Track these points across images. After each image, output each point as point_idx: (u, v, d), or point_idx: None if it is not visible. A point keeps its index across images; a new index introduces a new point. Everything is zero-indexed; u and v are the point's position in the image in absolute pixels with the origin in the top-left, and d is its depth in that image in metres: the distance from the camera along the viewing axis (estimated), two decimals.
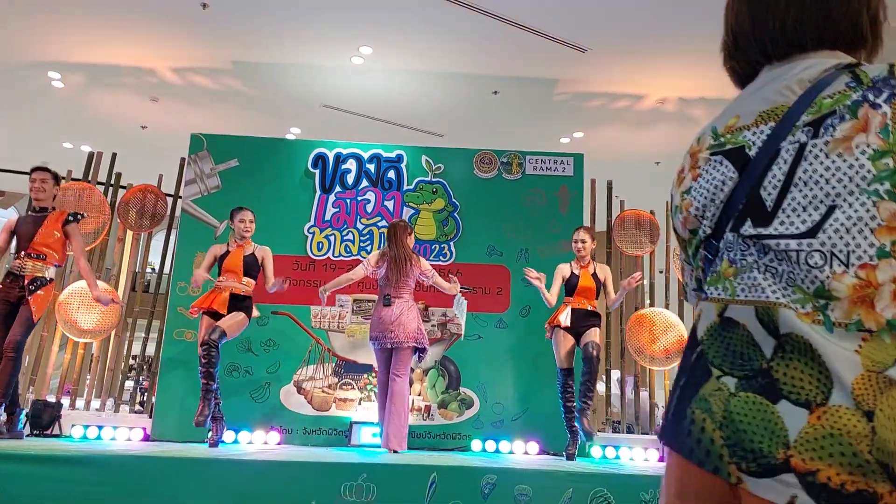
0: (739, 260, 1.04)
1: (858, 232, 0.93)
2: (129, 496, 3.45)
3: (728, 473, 0.95)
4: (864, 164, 0.94)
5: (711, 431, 0.98)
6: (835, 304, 0.92)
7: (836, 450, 0.87)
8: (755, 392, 0.96)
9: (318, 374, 6.34)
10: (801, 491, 0.88)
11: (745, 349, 0.99)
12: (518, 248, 6.62)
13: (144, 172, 7.78)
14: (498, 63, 8.65)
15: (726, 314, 1.03)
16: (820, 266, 0.94)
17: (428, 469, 3.69)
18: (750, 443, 0.94)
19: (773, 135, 1.05)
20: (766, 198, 1.03)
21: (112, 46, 8.58)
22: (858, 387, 0.88)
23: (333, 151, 6.86)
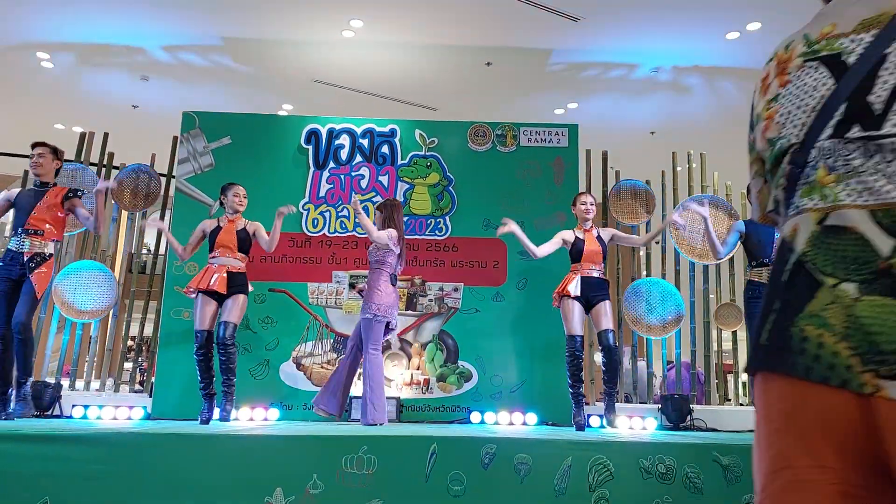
0: (842, 166, 1.01)
1: None
2: (133, 472, 3.47)
3: (860, 384, 0.90)
4: None
5: (833, 345, 0.94)
6: None
7: None
8: (881, 294, 0.92)
9: (316, 350, 6.35)
10: None
11: (860, 253, 0.96)
12: (515, 221, 6.59)
13: (137, 152, 7.73)
14: (490, 34, 8.58)
15: (828, 222, 1.01)
16: None
17: (428, 440, 3.71)
18: (889, 344, 0.89)
19: (878, 41, 1.03)
20: (875, 101, 1.00)
21: (101, 25, 8.50)
22: None
23: (326, 127, 6.82)
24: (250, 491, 3.50)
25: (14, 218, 5.21)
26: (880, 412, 0.89)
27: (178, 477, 3.52)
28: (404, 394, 6.25)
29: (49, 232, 5.17)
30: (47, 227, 5.16)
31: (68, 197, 5.27)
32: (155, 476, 3.50)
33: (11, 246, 5.12)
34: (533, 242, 5.58)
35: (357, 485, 3.55)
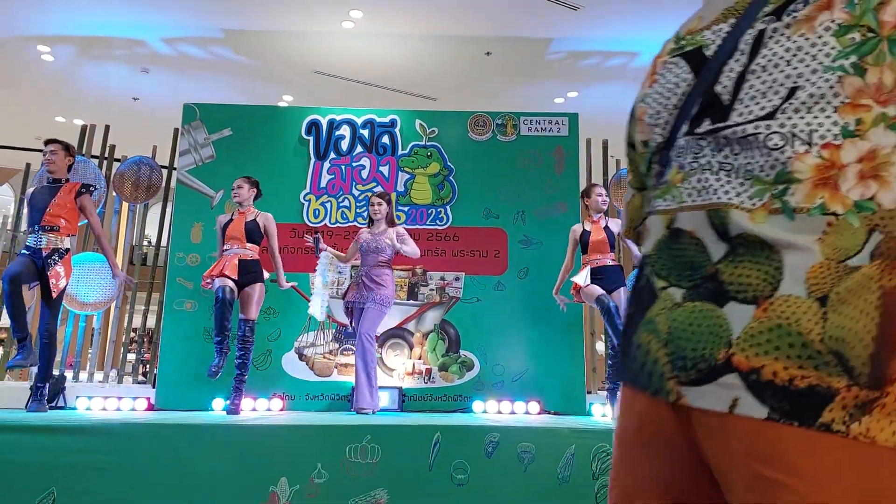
0: (689, 164, 0.95)
1: (821, 110, 0.85)
2: (138, 463, 3.49)
3: (667, 391, 0.87)
4: (827, 42, 0.86)
5: (656, 352, 0.90)
6: (795, 188, 0.84)
7: (784, 341, 0.79)
8: (701, 300, 0.87)
9: (318, 340, 6.37)
10: (744, 392, 0.80)
11: (695, 257, 0.90)
12: (515, 210, 6.61)
13: (138, 144, 7.74)
14: (490, 23, 8.57)
15: (675, 225, 0.95)
16: (780, 147, 0.86)
17: (431, 429, 3.73)
18: (692, 350, 0.85)
19: (734, 30, 0.96)
20: (722, 91, 0.94)
21: (101, 17, 8.49)
22: (814, 275, 0.81)
23: (327, 118, 6.82)
24: (255, 480, 3.53)
25: (29, 216, 5.27)
26: (687, 418, 0.88)
27: (182, 467, 3.55)
28: (406, 383, 6.27)
29: (65, 227, 5.24)
30: (63, 223, 5.22)
31: (80, 193, 5.34)
32: (160, 466, 3.52)
33: (30, 243, 5.18)
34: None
35: (361, 474, 3.58)
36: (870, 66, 0.84)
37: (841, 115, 0.84)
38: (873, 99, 0.84)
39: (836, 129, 0.84)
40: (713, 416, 0.82)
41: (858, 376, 0.76)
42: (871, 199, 0.81)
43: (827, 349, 0.77)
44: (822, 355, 0.77)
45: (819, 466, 0.76)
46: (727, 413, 0.80)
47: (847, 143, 0.83)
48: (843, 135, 0.83)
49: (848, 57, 0.85)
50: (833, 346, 0.77)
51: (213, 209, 6.33)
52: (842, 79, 0.85)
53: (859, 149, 0.83)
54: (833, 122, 0.84)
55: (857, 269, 0.79)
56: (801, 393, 0.77)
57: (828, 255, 0.80)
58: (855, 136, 0.83)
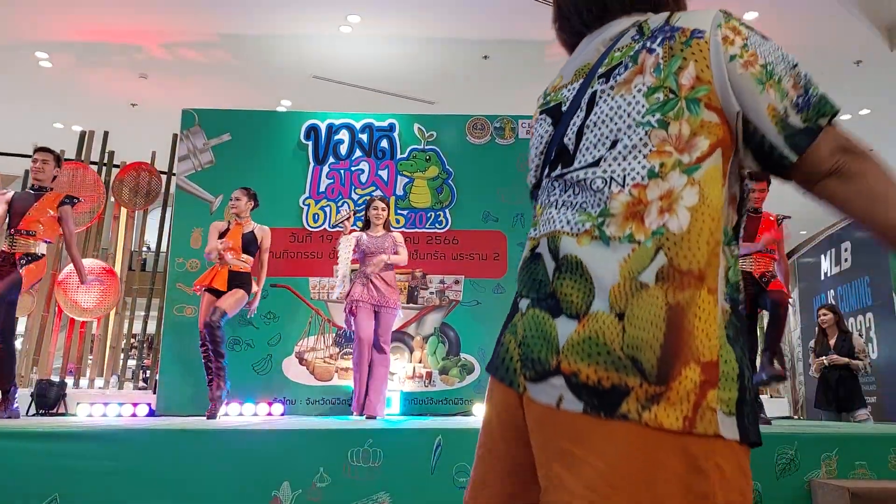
0: (544, 201, 1.17)
1: (633, 158, 1.04)
2: (140, 468, 3.49)
3: (518, 384, 1.07)
4: (639, 101, 1.06)
5: (513, 350, 1.10)
6: (610, 220, 1.03)
7: (594, 350, 0.98)
8: (542, 310, 1.07)
9: (318, 344, 6.38)
10: (566, 391, 0.99)
11: (543, 277, 1.10)
12: (514, 213, 6.63)
13: (137, 150, 7.75)
14: (487, 26, 8.58)
15: (536, 250, 1.14)
16: (601, 189, 1.06)
17: (433, 432, 3.73)
18: (533, 352, 1.05)
19: (580, 89, 1.17)
20: (568, 143, 1.15)
21: (98, 23, 8.50)
22: (614, 293, 1.00)
23: (325, 122, 6.83)
24: (257, 485, 3.53)
25: (9, 220, 5.25)
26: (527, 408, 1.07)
27: (184, 472, 3.55)
28: (406, 387, 6.28)
29: (41, 233, 5.22)
30: (39, 229, 5.20)
31: (63, 203, 5.33)
32: (162, 471, 3.52)
33: (2, 247, 5.17)
34: None
35: (363, 477, 3.59)
36: (671, 121, 1.04)
37: (648, 160, 1.04)
38: (674, 147, 1.03)
39: (644, 171, 1.03)
40: (543, 407, 1.02)
41: (648, 376, 0.95)
42: (663, 225, 1.01)
43: (626, 356, 0.97)
44: (621, 360, 0.97)
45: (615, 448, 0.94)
46: (555, 407, 1.00)
47: (651, 182, 1.03)
48: (649, 175, 1.03)
49: (654, 114, 1.05)
50: (630, 352, 0.97)
51: (213, 214, 6.34)
52: (649, 132, 1.04)
53: (661, 188, 1.02)
54: (642, 167, 1.04)
55: (647, 286, 0.99)
56: (605, 391, 0.96)
57: (624, 274, 1.00)
58: (658, 176, 1.03)
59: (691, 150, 1.03)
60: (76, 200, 5.49)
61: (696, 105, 1.04)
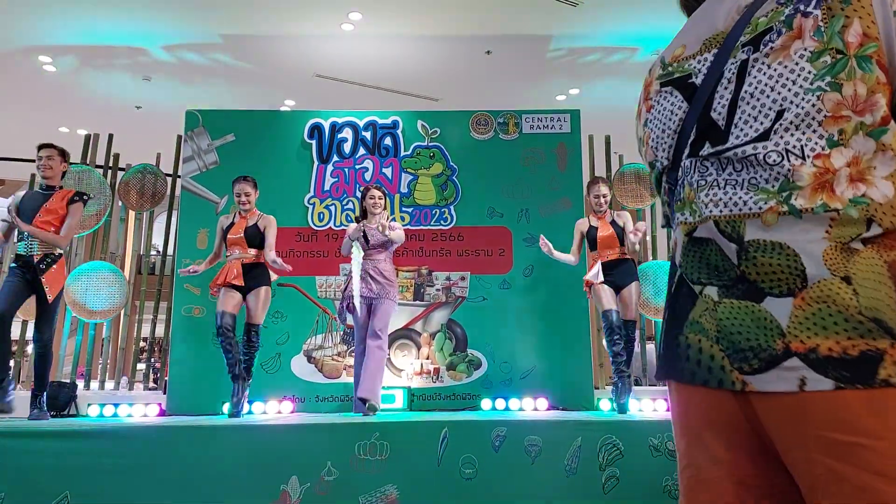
0: (698, 181, 1.08)
1: (807, 126, 0.97)
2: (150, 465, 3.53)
3: (733, 381, 0.98)
4: (804, 67, 0.98)
5: (709, 348, 1.02)
6: (798, 193, 0.96)
7: (829, 320, 0.91)
8: (739, 298, 0.99)
9: (326, 342, 6.41)
10: (807, 370, 0.90)
11: (720, 262, 1.03)
12: (519, 209, 6.64)
13: (142, 152, 7.79)
14: (489, 22, 8.59)
15: (696, 234, 1.07)
16: (779, 163, 0.98)
17: (439, 425, 3.76)
18: (746, 342, 0.97)
19: (717, 60, 1.09)
20: (718, 118, 1.06)
21: (101, 27, 8.54)
22: (828, 258, 0.93)
23: (329, 121, 6.85)
24: (266, 480, 3.56)
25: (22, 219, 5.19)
26: (753, 405, 0.97)
27: (194, 468, 3.58)
28: (414, 383, 6.29)
29: (54, 232, 5.17)
30: (53, 230, 5.17)
31: (73, 200, 5.30)
32: (172, 468, 3.56)
33: (21, 251, 5.14)
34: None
35: (371, 470, 3.61)
36: (844, 82, 0.96)
37: (825, 128, 0.96)
38: (852, 110, 0.95)
39: (823, 141, 0.96)
40: (782, 397, 0.93)
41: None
42: (863, 195, 0.94)
43: (867, 318, 0.89)
44: (863, 325, 0.89)
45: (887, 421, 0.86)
46: (797, 392, 0.91)
47: (834, 151, 0.95)
48: (829, 145, 0.96)
49: (824, 78, 0.97)
50: (871, 314, 0.89)
51: (219, 215, 6.37)
52: (821, 97, 0.96)
53: (845, 156, 0.95)
54: (819, 136, 0.96)
55: (857, 251, 0.92)
56: (856, 360, 0.88)
57: (833, 241, 0.93)
58: (839, 144, 0.95)
59: (873, 111, 0.95)
60: (87, 197, 5.46)
61: (867, 63, 0.96)
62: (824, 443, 0.89)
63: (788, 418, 0.93)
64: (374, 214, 5.64)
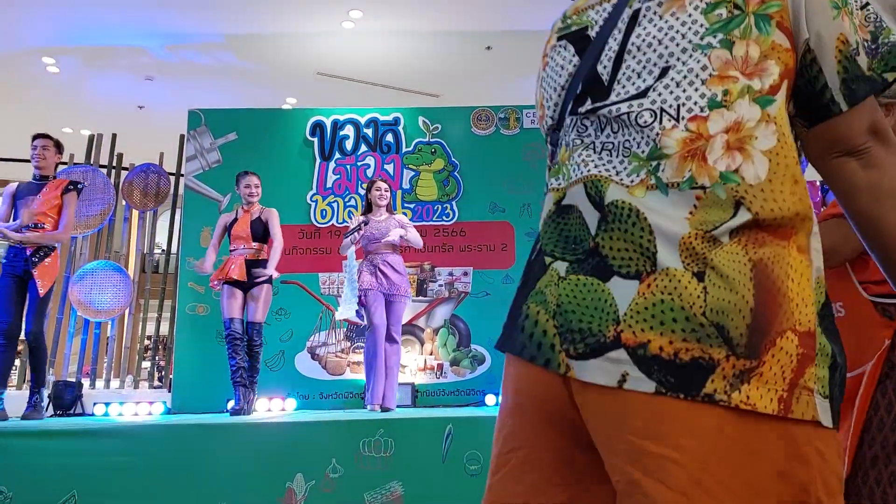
0: (573, 141, 0.97)
1: (689, 84, 0.87)
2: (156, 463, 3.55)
3: (558, 364, 0.87)
4: (696, 20, 0.88)
5: (545, 322, 0.91)
6: (665, 163, 0.86)
7: (668, 316, 0.80)
8: (586, 273, 0.88)
9: (330, 339, 6.43)
10: (631, 366, 0.80)
11: (578, 232, 0.92)
12: (520, 203, 6.64)
13: (145, 152, 7.81)
14: (489, 17, 8.58)
15: (564, 202, 0.96)
16: (649, 124, 0.87)
17: (443, 422, 3.78)
18: (578, 323, 0.86)
19: (615, 9, 0.98)
20: (602, 72, 0.95)
21: (104, 28, 8.55)
22: (685, 245, 0.82)
23: (330, 118, 6.87)
24: (271, 477, 3.59)
25: (15, 213, 5.14)
26: (572, 390, 0.87)
27: (200, 466, 3.60)
28: (418, 379, 6.31)
29: (51, 224, 5.09)
30: (48, 220, 5.08)
31: (68, 190, 5.20)
32: (178, 466, 3.58)
33: (13, 241, 5.01)
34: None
35: (376, 467, 3.63)
36: (737, 40, 0.86)
37: (708, 87, 0.86)
38: (740, 71, 0.86)
39: (703, 101, 0.86)
40: (600, 390, 0.82)
41: (737, 347, 0.78)
42: (736, 171, 0.84)
43: (709, 322, 0.79)
44: (704, 328, 0.79)
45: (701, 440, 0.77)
46: (616, 388, 0.80)
47: (714, 113, 0.85)
48: (710, 106, 0.85)
49: (716, 34, 0.87)
50: (714, 318, 0.79)
51: (222, 213, 6.39)
52: (709, 54, 0.87)
53: (726, 119, 0.85)
54: (700, 95, 0.86)
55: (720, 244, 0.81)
56: (685, 365, 0.78)
57: (695, 226, 0.82)
58: (722, 105, 0.85)
59: (762, 76, 0.86)
60: (81, 186, 5.37)
61: (766, 22, 0.87)
62: (631, 449, 0.79)
63: (603, 415, 0.83)
64: (379, 207, 5.63)
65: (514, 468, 0.96)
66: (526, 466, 0.95)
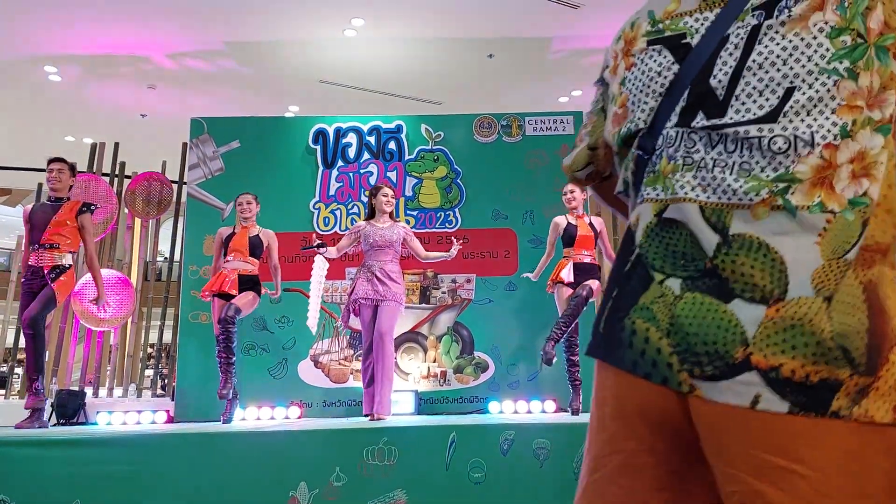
0: (683, 157, 0.97)
1: (819, 112, 0.89)
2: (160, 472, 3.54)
3: (679, 382, 0.91)
4: (822, 43, 0.90)
5: (657, 340, 0.93)
6: (796, 188, 0.88)
7: (799, 340, 0.85)
8: (703, 293, 0.91)
9: (333, 347, 6.41)
10: (764, 388, 0.85)
11: (688, 249, 0.94)
12: (523, 210, 6.64)
13: (148, 160, 7.82)
14: (491, 25, 8.60)
15: (666, 214, 0.98)
16: (784, 151, 0.90)
17: (447, 429, 3.77)
18: (703, 345, 0.89)
19: (720, 20, 0.99)
20: (717, 86, 0.96)
21: (106, 36, 8.58)
22: (819, 275, 0.86)
23: (333, 126, 6.87)
24: (275, 486, 3.57)
25: (31, 234, 5.36)
26: (695, 410, 0.91)
27: (204, 475, 3.59)
28: (422, 387, 6.30)
29: (66, 244, 5.35)
30: (63, 240, 5.33)
31: (82, 211, 5.45)
32: (182, 474, 3.57)
33: (31, 262, 5.29)
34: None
35: (379, 475, 3.62)
36: (861, 71, 0.89)
37: (839, 116, 0.88)
38: (864, 102, 0.89)
39: (836, 129, 0.88)
40: (727, 409, 0.87)
41: (858, 366, 0.83)
42: (864, 194, 0.88)
43: (836, 345, 0.84)
44: (832, 351, 0.84)
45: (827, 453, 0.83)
46: (748, 408, 0.86)
47: (843, 143, 0.88)
48: (841, 135, 0.88)
49: (842, 60, 0.89)
50: (840, 341, 0.84)
51: (224, 221, 6.39)
52: (837, 82, 0.89)
53: (851, 149, 0.88)
54: (832, 123, 0.88)
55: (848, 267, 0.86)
56: (814, 386, 0.84)
57: (827, 256, 0.86)
58: (849, 136, 0.88)
59: (882, 106, 0.89)
60: (94, 207, 5.62)
61: (885, 54, 0.89)
62: (757, 464, 0.85)
63: (727, 431, 0.88)
64: (384, 213, 5.65)
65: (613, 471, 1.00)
66: (625, 470, 0.99)
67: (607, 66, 1.21)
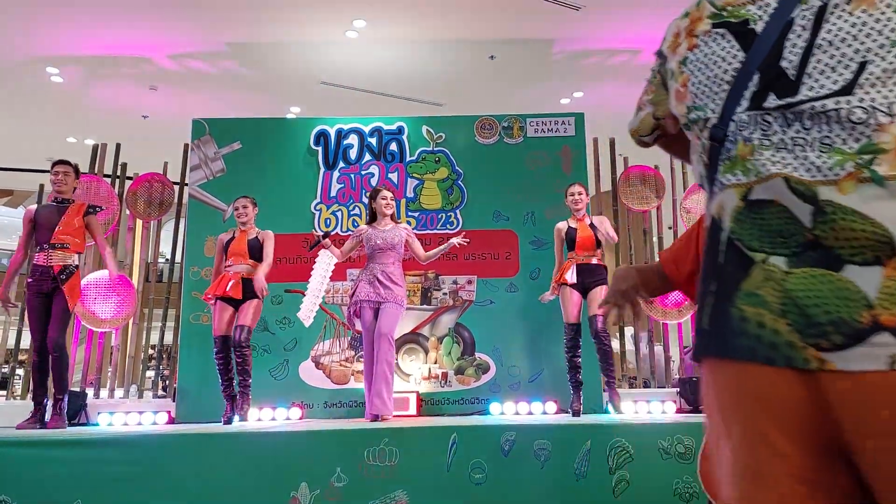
0: (760, 139, 0.98)
1: (895, 83, 0.90)
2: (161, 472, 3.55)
3: (805, 359, 0.88)
4: (890, 17, 0.92)
5: (772, 322, 0.91)
6: (882, 158, 0.89)
7: None
8: (811, 266, 0.90)
9: (334, 348, 6.42)
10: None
11: (784, 225, 0.94)
12: (524, 212, 6.64)
13: (149, 161, 7.82)
14: (492, 27, 8.61)
15: (752, 196, 0.98)
16: (864, 120, 0.90)
17: (448, 430, 3.77)
18: (826, 314, 0.87)
19: (783, 5, 1.01)
20: (788, 66, 0.98)
21: (107, 37, 8.59)
22: None
23: (334, 127, 6.88)
24: (276, 487, 3.58)
25: (37, 234, 5.40)
26: (828, 386, 0.87)
27: (205, 476, 3.60)
28: (423, 388, 6.30)
29: (74, 245, 5.42)
30: (73, 241, 5.40)
31: (88, 213, 5.54)
32: (182, 475, 3.57)
33: (39, 261, 5.32)
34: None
35: (380, 476, 3.62)
36: None
37: None
38: None
39: None
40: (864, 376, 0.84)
41: None
42: None
43: None
44: None
45: None
46: (886, 370, 0.83)
47: None
48: None
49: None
50: None
51: (226, 222, 6.40)
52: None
53: None
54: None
55: None
56: None
57: None
58: None
59: None
60: (99, 209, 5.73)
61: None
62: None
63: (869, 401, 0.84)
64: (385, 215, 5.65)
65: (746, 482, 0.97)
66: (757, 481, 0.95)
67: (667, 39, 1.23)
